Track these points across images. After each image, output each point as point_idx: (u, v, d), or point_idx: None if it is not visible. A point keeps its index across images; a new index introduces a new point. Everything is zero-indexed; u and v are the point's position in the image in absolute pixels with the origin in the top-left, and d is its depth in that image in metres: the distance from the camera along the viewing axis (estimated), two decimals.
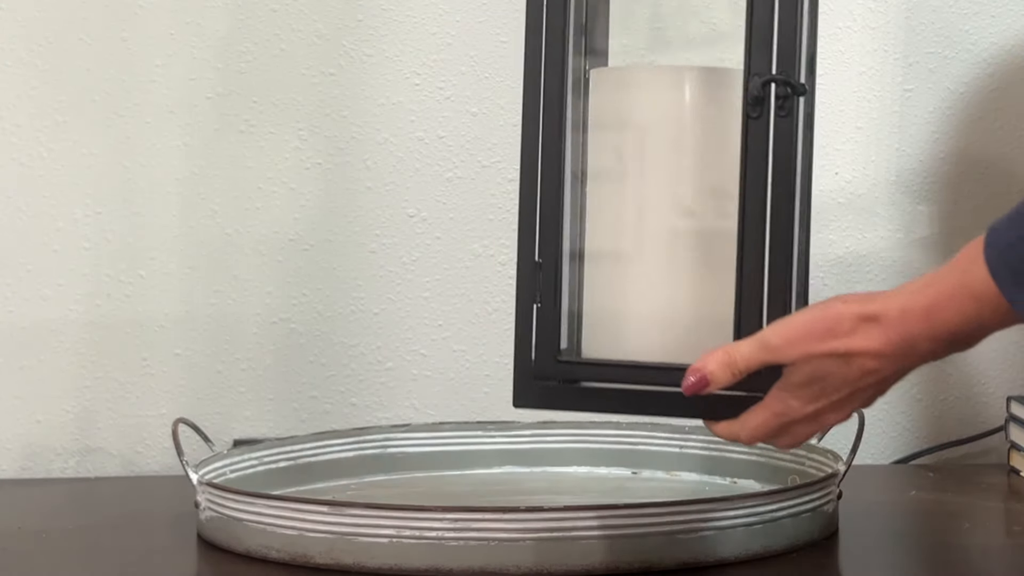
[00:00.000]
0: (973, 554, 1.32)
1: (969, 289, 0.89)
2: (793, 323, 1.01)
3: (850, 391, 1.00)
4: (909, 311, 0.95)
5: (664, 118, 1.07)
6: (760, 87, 1.03)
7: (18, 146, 1.66)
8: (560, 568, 1.19)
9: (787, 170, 1.04)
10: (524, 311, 1.11)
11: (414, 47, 1.66)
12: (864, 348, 0.97)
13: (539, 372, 1.11)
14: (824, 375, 0.99)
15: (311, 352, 1.68)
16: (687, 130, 1.11)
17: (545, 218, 1.10)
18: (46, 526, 1.42)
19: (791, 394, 1.02)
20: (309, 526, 1.23)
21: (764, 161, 1.04)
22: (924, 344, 0.95)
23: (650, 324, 1.12)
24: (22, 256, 1.66)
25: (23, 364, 1.67)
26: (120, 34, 1.65)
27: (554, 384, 1.11)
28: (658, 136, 1.11)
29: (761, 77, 1.03)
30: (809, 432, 1.05)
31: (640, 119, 1.12)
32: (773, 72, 1.04)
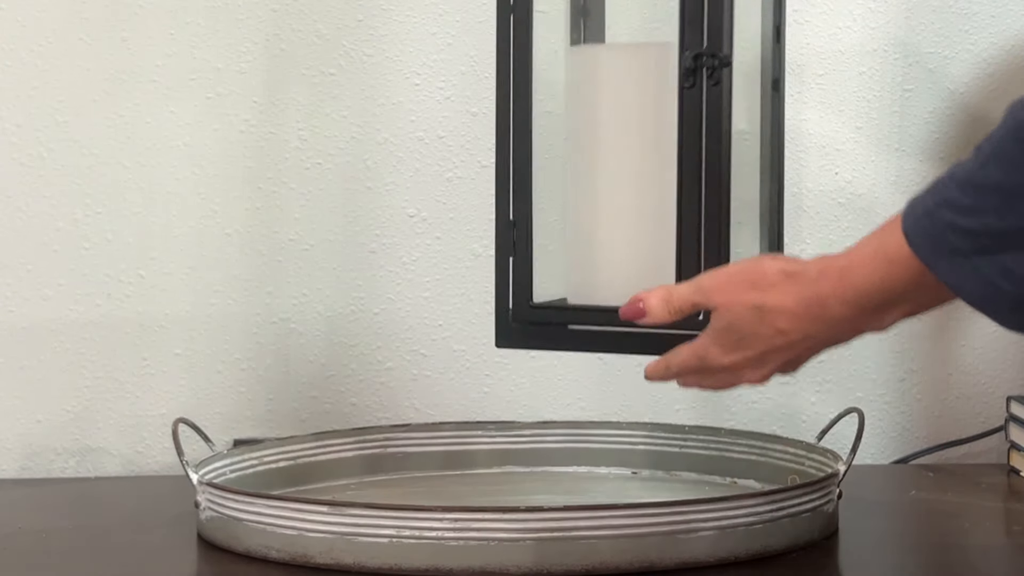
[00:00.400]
0: (973, 554, 1.32)
1: (884, 252, 0.90)
2: (726, 271, 1.06)
3: (763, 349, 1.01)
4: (825, 271, 0.96)
5: (620, 90, 1.17)
6: (692, 60, 1.14)
7: (18, 146, 1.66)
8: (560, 568, 1.19)
9: (719, 132, 1.15)
10: (501, 264, 1.24)
11: (414, 47, 1.66)
12: (777, 304, 0.99)
13: (516, 316, 1.24)
14: (740, 326, 1.02)
15: (311, 352, 1.68)
16: (643, 100, 1.22)
17: (517, 182, 1.22)
18: (46, 526, 1.42)
19: (712, 339, 1.05)
20: (309, 526, 1.23)
21: (698, 125, 1.15)
22: (835, 306, 0.95)
23: (614, 272, 1.24)
24: (22, 256, 1.66)
25: (23, 364, 1.67)
26: (120, 34, 1.65)
27: (529, 327, 1.24)
28: (618, 106, 1.21)
29: (692, 52, 1.15)
30: (728, 382, 1.07)
31: (602, 92, 1.23)
32: (704, 47, 1.14)
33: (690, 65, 1.15)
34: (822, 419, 1.61)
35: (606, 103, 1.25)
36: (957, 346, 1.67)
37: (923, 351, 1.67)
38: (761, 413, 1.66)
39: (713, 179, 1.17)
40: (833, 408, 1.61)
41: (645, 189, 1.22)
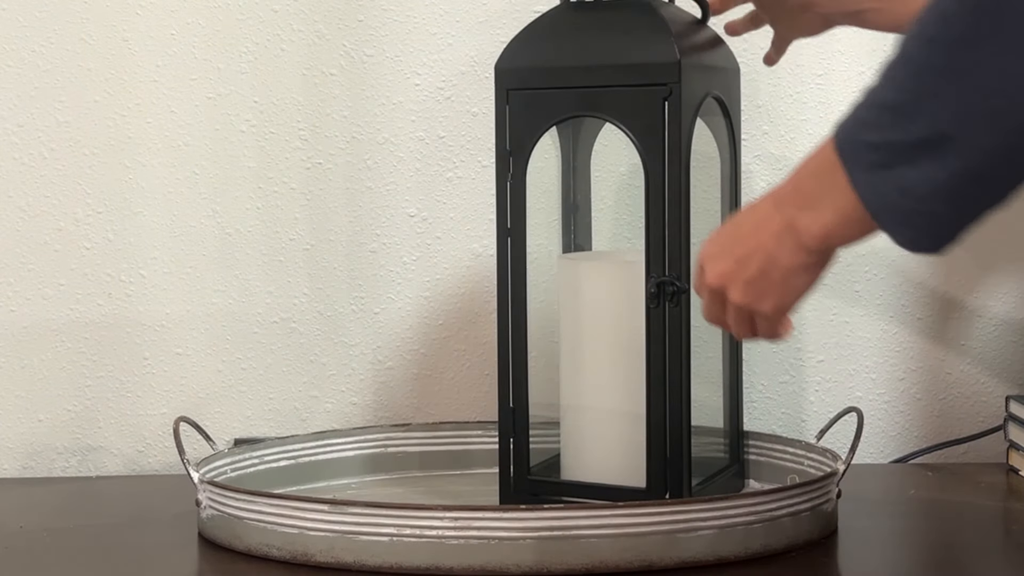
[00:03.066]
0: (972, 553, 1.32)
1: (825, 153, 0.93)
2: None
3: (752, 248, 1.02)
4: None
5: (600, 301, 1.31)
6: (655, 286, 1.30)
7: (19, 146, 1.66)
8: (560, 567, 1.19)
9: (679, 345, 1.31)
10: (503, 444, 1.38)
11: (414, 47, 1.66)
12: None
13: (516, 487, 1.38)
14: (736, 219, 1.05)
15: (311, 352, 1.68)
16: (619, 309, 1.37)
17: (515, 375, 1.37)
18: (48, 525, 1.42)
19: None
20: (310, 525, 1.23)
21: (662, 338, 1.31)
22: (786, 189, 0.98)
23: (595, 453, 1.39)
24: (23, 256, 1.66)
25: (25, 363, 1.67)
26: (120, 34, 1.65)
27: (527, 495, 1.38)
28: (599, 314, 1.37)
29: (656, 278, 1.30)
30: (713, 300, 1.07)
31: (585, 302, 1.38)
32: (666, 274, 1.30)
33: (654, 290, 1.30)
34: (821, 419, 1.61)
35: (589, 311, 1.38)
36: (957, 346, 1.67)
37: (923, 351, 1.67)
38: (761, 413, 1.66)
39: (675, 384, 1.31)
40: (832, 407, 1.61)
41: (623, 387, 1.36)
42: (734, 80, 1.42)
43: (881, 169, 0.86)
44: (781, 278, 1.01)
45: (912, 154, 0.84)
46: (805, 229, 0.96)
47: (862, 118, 0.88)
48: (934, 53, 0.82)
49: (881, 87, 0.86)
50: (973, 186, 0.85)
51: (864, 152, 0.87)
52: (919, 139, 0.84)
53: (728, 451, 1.46)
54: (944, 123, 0.83)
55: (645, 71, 1.29)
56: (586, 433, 1.38)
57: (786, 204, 0.98)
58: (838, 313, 1.66)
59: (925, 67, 0.83)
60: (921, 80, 0.83)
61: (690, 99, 1.30)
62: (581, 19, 1.35)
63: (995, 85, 0.81)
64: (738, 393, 1.45)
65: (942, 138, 0.83)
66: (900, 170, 0.85)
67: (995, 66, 0.80)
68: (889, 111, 0.85)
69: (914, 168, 0.85)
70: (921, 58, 0.83)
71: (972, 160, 0.83)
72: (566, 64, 1.32)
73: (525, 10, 1.59)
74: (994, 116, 0.81)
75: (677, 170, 1.29)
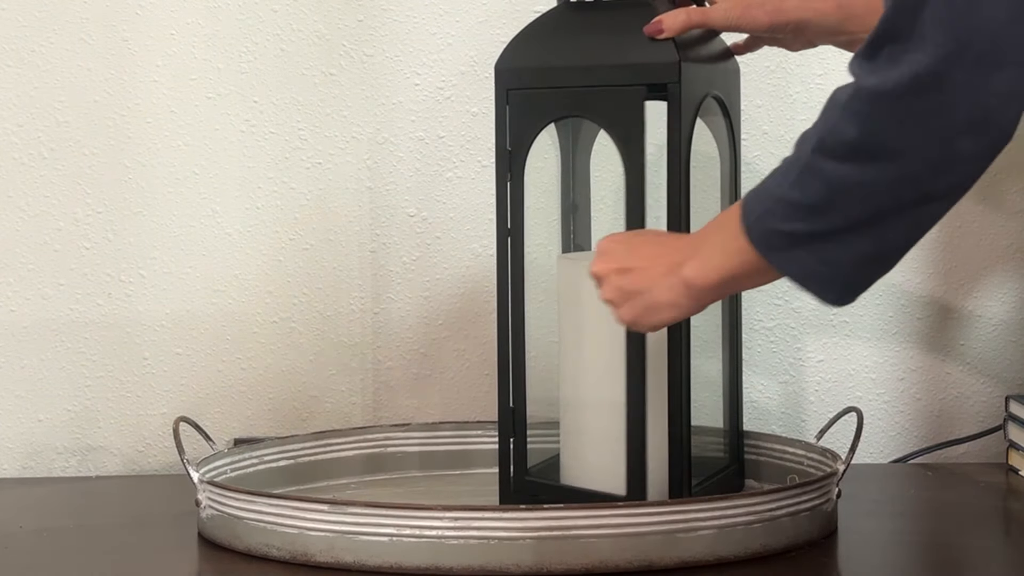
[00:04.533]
0: (972, 553, 1.32)
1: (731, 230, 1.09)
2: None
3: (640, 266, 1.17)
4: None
5: (596, 299, 1.27)
6: None
7: (19, 146, 1.66)
8: (560, 567, 1.19)
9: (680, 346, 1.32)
10: (503, 444, 1.38)
11: (414, 47, 1.66)
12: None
13: (516, 487, 1.38)
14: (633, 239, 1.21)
15: (311, 352, 1.68)
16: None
17: (515, 375, 1.38)
18: (47, 525, 1.42)
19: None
20: (309, 525, 1.23)
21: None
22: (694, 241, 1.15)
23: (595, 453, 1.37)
24: (23, 255, 1.66)
25: (24, 363, 1.67)
26: (120, 34, 1.65)
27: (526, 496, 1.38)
28: (595, 313, 1.32)
29: None
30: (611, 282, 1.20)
31: (582, 299, 1.36)
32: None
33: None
34: (821, 418, 1.61)
35: (589, 311, 1.36)
36: (956, 346, 1.67)
37: (922, 351, 1.67)
38: (761, 412, 1.66)
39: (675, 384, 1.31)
40: (832, 407, 1.61)
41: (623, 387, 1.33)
42: (734, 80, 1.42)
43: (796, 248, 1.02)
44: (650, 303, 1.16)
45: (829, 236, 1.00)
46: (689, 279, 1.13)
47: (771, 210, 1.03)
48: (841, 165, 0.97)
49: (789, 187, 1.01)
50: (879, 259, 1.03)
51: (774, 238, 1.03)
52: (829, 230, 1.00)
53: (728, 451, 1.46)
54: (855, 216, 0.98)
55: (644, 71, 1.29)
56: (586, 433, 1.38)
57: (683, 252, 1.14)
58: (838, 313, 1.67)
59: (834, 179, 0.98)
60: (832, 189, 0.98)
61: (690, 99, 1.30)
62: (581, 19, 1.35)
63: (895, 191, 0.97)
64: (738, 393, 1.45)
65: (854, 225, 0.99)
66: (819, 246, 1.01)
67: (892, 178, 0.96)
68: (803, 210, 1.00)
69: (827, 246, 1.01)
70: (828, 169, 0.98)
71: (878, 242, 1.00)
72: (566, 64, 1.32)
73: (525, 10, 1.59)
74: (896, 212, 0.98)
75: (677, 170, 1.29)
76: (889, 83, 0.93)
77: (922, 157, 0.94)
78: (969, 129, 0.93)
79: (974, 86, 0.91)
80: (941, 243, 1.66)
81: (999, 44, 0.90)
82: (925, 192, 0.97)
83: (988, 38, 0.90)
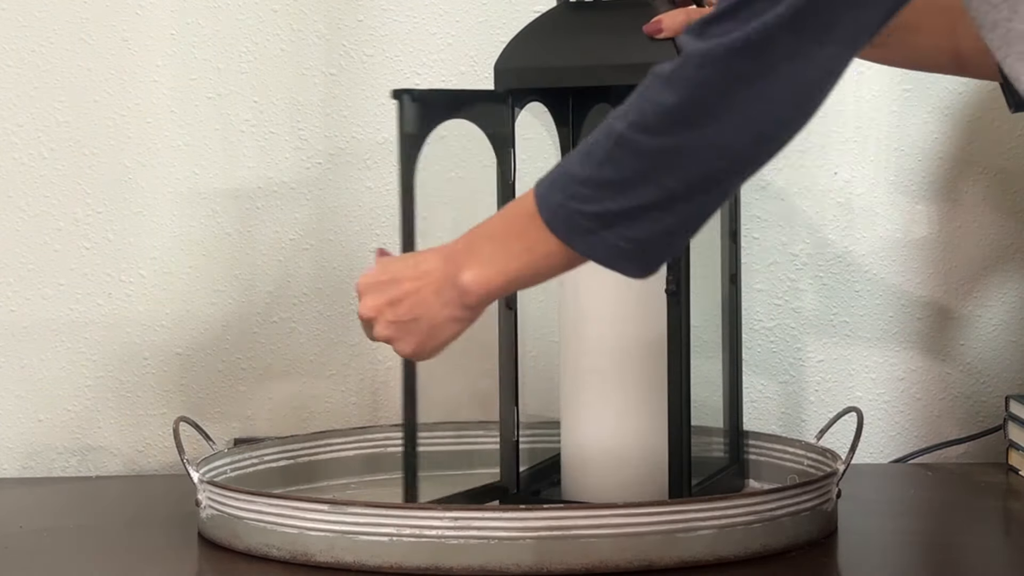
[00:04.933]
0: (972, 553, 1.32)
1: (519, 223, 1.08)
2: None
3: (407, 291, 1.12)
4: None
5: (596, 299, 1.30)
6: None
7: (19, 146, 1.66)
8: (560, 567, 1.19)
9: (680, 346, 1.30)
10: (503, 444, 1.39)
11: (414, 47, 1.66)
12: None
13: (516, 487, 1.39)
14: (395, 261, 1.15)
15: (311, 352, 1.68)
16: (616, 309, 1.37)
17: (515, 375, 1.39)
18: (47, 525, 1.42)
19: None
20: (310, 525, 1.23)
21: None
22: (458, 248, 1.12)
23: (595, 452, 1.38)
24: (23, 256, 1.66)
25: (24, 363, 1.67)
26: (120, 34, 1.65)
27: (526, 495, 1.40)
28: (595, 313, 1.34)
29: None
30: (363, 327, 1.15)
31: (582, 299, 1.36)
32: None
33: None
34: (821, 418, 1.61)
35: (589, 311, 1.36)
36: (956, 346, 1.67)
37: (922, 351, 1.67)
38: (761, 413, 1.66)
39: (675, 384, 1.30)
40: (832, 407, 1.61)
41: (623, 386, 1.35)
42: None
43: (602, 229, 1.01)
44: (429, 327, 1.12)
45: (636, 214, 1.00)
46: (468, 286, 1.09)
47: (575, 194, 1.02)
48: (657, 137, 0.98)
49: (598, 166, 1.00)
50: (682, 231, 1.02)
51: (580, 220, 1.02)
52: (640, 205, 1.00)
53: (728, 451, 1.46)
54: (668, 188, 0.99)
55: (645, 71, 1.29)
56: (586, 432, 1.38)
57: (455, 262, 1.10)
58: (838, 313, 1.67)
59: (650, 150, 0.98)
60: (647, 162, 0.98)
61: None
62: (580, 19, 1.35)
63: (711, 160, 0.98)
64: (738, 393, 1.45)
65: (661, 202, 0.99)
66: (623, 226, 1.01)
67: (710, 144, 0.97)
68: (614, 187, 1.00)
69: (635, 224, 1.01)
70: (643, 142, 0.98)
71: (684, 214, 1.00)
72: (566, 64, 1.32)
73: (525, 10, 1.59)
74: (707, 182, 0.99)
75: None
76: (720, 48, 0.94)
77: (739, 123, 0.96)
78: (789, 98, 0.95)
79: (800, 55, 0.93)
80: (941, 243, 1.66)
81: (830, 21, 0.93)
82: (737, 158, 0.98)
83: (822, 11, 0.92)
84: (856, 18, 0.94)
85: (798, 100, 0.96)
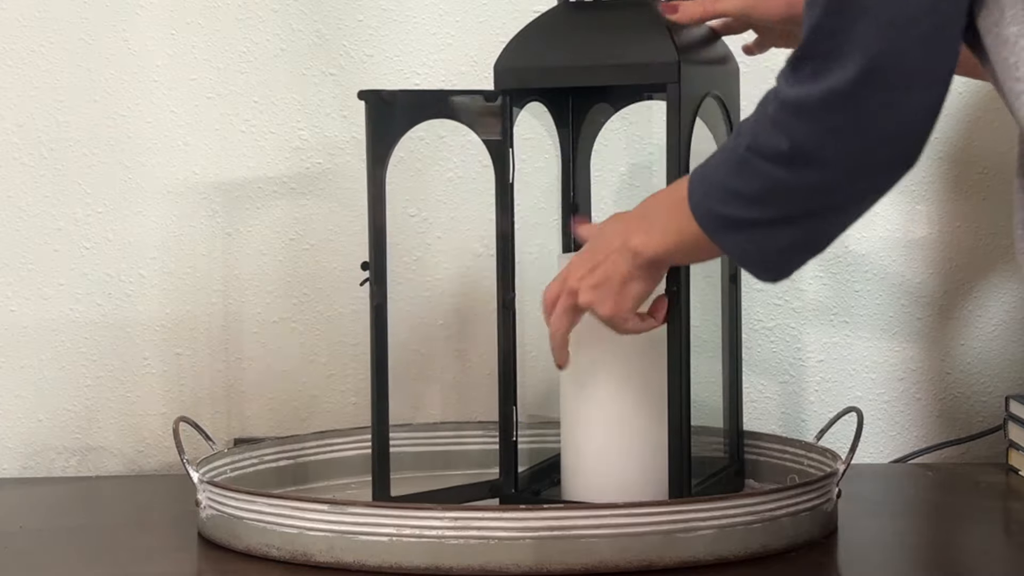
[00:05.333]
0: (971, 553, 1.32)
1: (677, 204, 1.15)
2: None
3: (600, 259, 1.23)
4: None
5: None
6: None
7: (19, 146, 1.66)
8: (560, 567, 1.19)
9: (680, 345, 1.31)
10: (503, 444, 1.38)
11: (414, 47, 1.66)
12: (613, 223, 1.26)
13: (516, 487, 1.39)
14: (595, 237, 1.25)
15: (311, 352, 1.68)
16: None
17: (515, 375, 1.39)
18: (47, 524, 1.42)
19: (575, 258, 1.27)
20: (309, 525, 1.23)
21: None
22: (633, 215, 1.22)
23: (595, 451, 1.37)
24: (23, 256, 1.66)
25: (24, 363, 1.67)
26: (120, 34, 1.65)
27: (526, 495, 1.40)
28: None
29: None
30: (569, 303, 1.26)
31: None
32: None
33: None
34: (821, 418, 1.61)
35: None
36: (956, 346, 1.67)
37: (922, 351, 1.67)
38: (761, 413, 1.66)
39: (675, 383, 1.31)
40: (832, 407, 1.61)
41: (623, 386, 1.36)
42: (734, 79, 1.42)
43: (734, 232, 1.09)
44: (620, 285, 1.22)
45: (765, 227, 1.07)
46: (637, 248, 1.19)
47: (711, 194, 1.10)
48: (775, 167, 1.03)
49: (727, 175, 1.08)
50: (803, 249, 1.09)
51: (717, 220, 1.10)
52: (762, 219, 1.06)
53: (728, 451, 1.46)
54: (787, 211, 1.05)
55: (644, 71, 1.29)
56: (586, 432, 1.38)
57: (630, 226, 1.21)
58: (838, 313, 1.67)
59: (768, 178, 1.04)
60: (766, 186, 1.04)
61: (689, 99, 1.30)
62: (580, 19, 1.35)
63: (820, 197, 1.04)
64: (738, 393, 1.45)
65: (785, 218, 1.06)
66: (755, 232, 1.07)
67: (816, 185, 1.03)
68: (741, 198, 1.07)
69: (759, 233, 1.07)
70: (762, 168, 1.04)
71: (802, 234, 1.07)
72: (566, 64, 1.32)
73: (525, 10, 1.59)
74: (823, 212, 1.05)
75: (676, 170, 1.29)
76: (811, 97, 0.98)
77: (844, 168, 1.01)
78: (885, 143, 0.99)
79: (887, 104, 0.97)
80: (941, 243, 1.66)
81: (908, 69, 0.96)
82: (851, 195, 1.04)
83: (898, 63, 0.95)
84: (931, 60, 0.96)
85: (893, 142, 0.99)
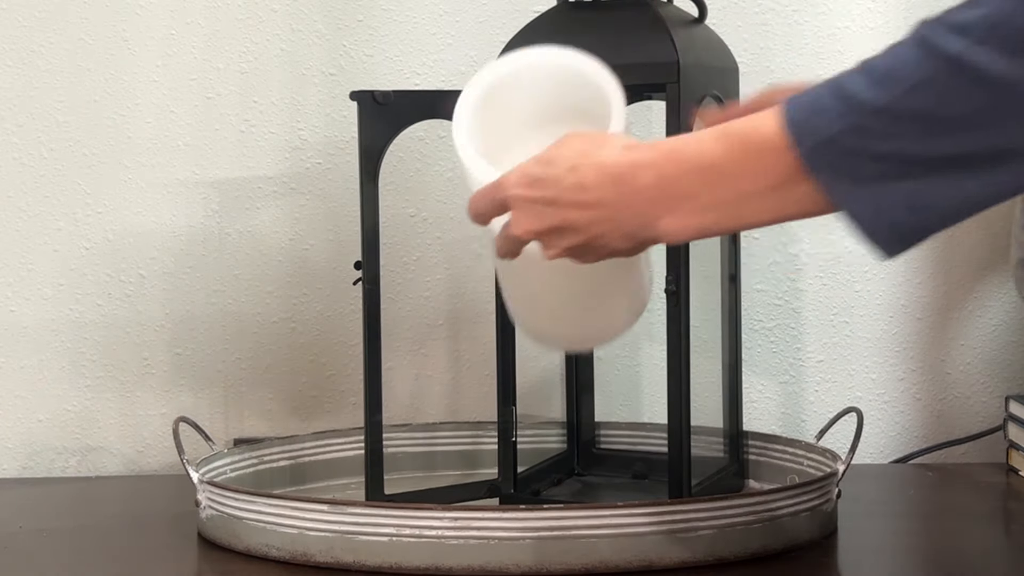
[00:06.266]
0: (972, 553, 1.32)
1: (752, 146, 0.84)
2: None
3: (552, 197, 0.95)
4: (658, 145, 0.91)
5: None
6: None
7: (19, 146, 1.66)
8: (560, 567, 1.19)
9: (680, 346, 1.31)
10: (503, 444, 1.38)
11: (414, 47, 1.66)
12: (596, 160, 0.93)
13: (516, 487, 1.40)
14: (552, 160, 0.96)
15: (311, 352, 1.68)
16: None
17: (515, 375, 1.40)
18: (47, 525, 1.42)
19: (520, 167, 0.99)
20: (309, 525, 1.23)
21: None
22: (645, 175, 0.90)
23: None
24: (22, 256, 1.66)
25: (24, 363, 1.67)
26: (120, 34, 1.65)
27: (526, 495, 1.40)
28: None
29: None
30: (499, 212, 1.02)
31: None
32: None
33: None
34: (821, 419, 1.61)
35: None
36: (956, 346, 1.67)
37: (922, 351, 1.67)
38: (761, 413, 1.66)
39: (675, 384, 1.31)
40: (832, 407, 1.61)
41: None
42: (733, 80, 1.42)
43: (885, 181, 0.77)
44: (600, 253, 0.96)
45: (941, 168, 0.75)
46: (664, 235, 0.91)
47: (859, 126, 0.78)
48: (1012, 60, 0.72)
49: (904, 93, 0.76)
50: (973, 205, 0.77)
51: (856, 162, 0.78)
52: (959, 154, 0.75)
53: (728, 451, 1.46)
54: (1003, 139, 0.74)
55: (644, 71, 1.29)
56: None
57: (659, 203, 0.90)
58: (838, 313, 1.67)
59: (994, 79, 0.73)
60: (987, 93, 0.73)
61: (689, 99, 1.29)
62: (580, 19, 1.35)
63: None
64: (738, 393, 1.45)
65: (986, 155, 0.74)
66: (912, 184, 0.76)
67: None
68: (929, 122, 0.75)
69: (934, 183, 0.76)
70: (986, 65, 0.73)
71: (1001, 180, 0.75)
72: None
73: (525, 10, 1.59)
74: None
75: None
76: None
77: None
78: None
79: None
80: (941, 243, 1.66)
81: None
82: None
83: None
84: None
85: None
